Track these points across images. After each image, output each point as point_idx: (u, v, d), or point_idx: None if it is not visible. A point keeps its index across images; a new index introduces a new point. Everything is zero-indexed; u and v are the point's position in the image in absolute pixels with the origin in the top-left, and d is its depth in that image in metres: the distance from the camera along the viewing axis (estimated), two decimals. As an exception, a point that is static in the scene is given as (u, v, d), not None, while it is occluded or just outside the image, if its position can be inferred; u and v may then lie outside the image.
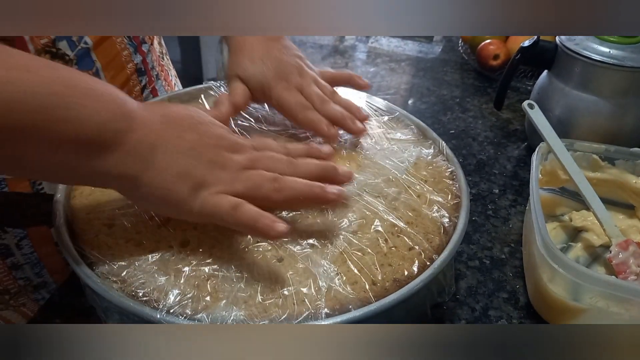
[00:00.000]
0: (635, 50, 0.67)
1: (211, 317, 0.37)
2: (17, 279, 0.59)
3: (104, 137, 0.36)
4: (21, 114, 0.33)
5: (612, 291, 0.46)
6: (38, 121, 0.33)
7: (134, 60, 0.64)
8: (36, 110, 0.33)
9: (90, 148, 0.36)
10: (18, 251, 0.58)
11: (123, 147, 0.37)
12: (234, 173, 0.40)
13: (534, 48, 0.74)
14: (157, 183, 0.38)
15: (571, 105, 0.72)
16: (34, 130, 0.33)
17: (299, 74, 0.56)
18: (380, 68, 1.06)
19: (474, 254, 0.61)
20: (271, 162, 0.43)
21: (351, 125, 0.54)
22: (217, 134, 0.42)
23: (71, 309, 0.51)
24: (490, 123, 0.88)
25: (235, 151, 0.42)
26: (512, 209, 0.69)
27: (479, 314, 0.54)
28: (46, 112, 0.34)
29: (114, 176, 0.38)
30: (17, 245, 0.57)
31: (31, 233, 0.57)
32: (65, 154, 0.36)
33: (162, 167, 0.38)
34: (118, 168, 0.37)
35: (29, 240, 0.58)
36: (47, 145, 0.35)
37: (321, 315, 0.38)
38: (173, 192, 0.38)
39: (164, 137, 0.39)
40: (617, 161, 0.64)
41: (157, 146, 0.38)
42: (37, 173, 0.39)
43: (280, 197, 0.41)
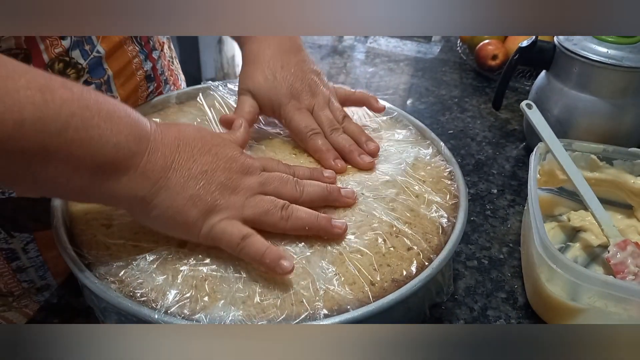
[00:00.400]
0: (633, 50, 0.67)
1: (209, 317, 0.37)
2: (21, 281, 0.59)
3: (120, 159, 0.37)
4: (41, 135, 0.33)
5: (610, 291, 0.46)
6: (57, 143, 0.34)
7: (144, 68, 0.64)
8: (56, 131, 0.33)
9: (105, 169, 0.36)
10: (24, 255, 0.58)
11: (137, 169, 0.37)
12: (244, 198, 0.41)
13: (532, 48, 0.74)
14: (168, 205, 0.39)
15: (569, 106, 0.72)
16: (52, 151, 0.34)
17: (312, 93, 0.54)
18: (379, 68, 1.06)
19: (472, 254, 0.61)
20: (280, 184, 0.44)
21: (358, 160, 0.52)
22: (229, 156, 0.42)
23: (69, 310, 0.51)
24: (488, 123, 0.88)
25: (246, 173, 0.42)
26: (511, 209, 0.69)
27: (478, 314, 0.54)
28: (66, 134, 0.34)
29: (126, 197, 0.38)
30: (24, 249, 0.58)
31: (38, 237, 0.58)
32: (81, 175, 0.36)
33: (174, 190, 0.39)
34: (131, 189, 0.38)
35: (35, 244, 0.58)
36: (64, 166, 0.35)
37: (320, 316, 0.38)
38: (183, 215, 0.39)
39: (177, 160, 0.39)
40: (615, 161, 0.64)
41: (170, 169, 0.39)
42: (51, 192, 0.39)
43: (287, 226, 0.42)
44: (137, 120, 0.38)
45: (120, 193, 0.38)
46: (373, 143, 0.54)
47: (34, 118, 0.32)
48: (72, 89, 0.35)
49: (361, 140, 0.54)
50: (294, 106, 0.53)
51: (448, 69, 1.07)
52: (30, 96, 0.32)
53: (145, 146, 0.38)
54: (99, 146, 0.35)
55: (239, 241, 0.39)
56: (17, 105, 0.32)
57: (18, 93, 0.32)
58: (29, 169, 0.34)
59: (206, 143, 0.41)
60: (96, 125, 0.35)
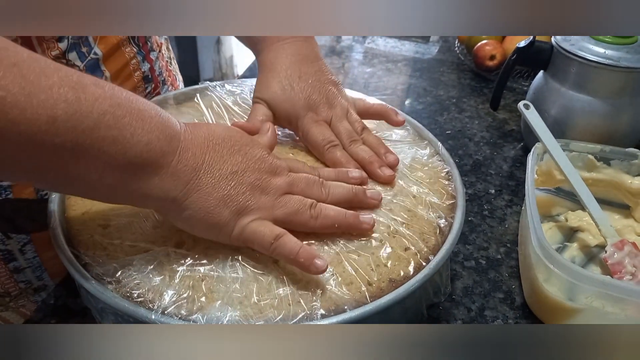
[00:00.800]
0: (630, 50, 0.67)
1: (206, 317, 0.37)
2: (18, 282, 0.59)
3: (151, 158, 0.37)
4: (73, 132, 0.33)
5: (607, 291, 0.46)
6: (89, 140, 0.34)
7: (141, 69, 0.64)
8: (88, 129, 0.33)
9: (136, 169, 0.36)
10: (21, 256, 0.58)
11: (167, 169, 0.37)
12: (274, 198, 0.41)
13: (530, 48, 0.74)
14: (199, 207, 0.39)
15: (567, 106, 0.72)
16: (84, 148, 0.34)
17: (329, 105, 0.53)
18: (377, 68, 1.06)
19: (470, 254, 0.61)
20: (307, 186, 0.44)
21: (378, 172, 0.50)
22: (257, 157, 0.42)
23: (66, 310, 0.51)
24: (486, 123, 0.88)
25: (275, 174, 0.42)
26: (508, 209, 0.69)
27: (475, 314, 0.54)
28: (98, 132, 0.34)
29: (157, 197, 0.38)
30: (21, 250, 0.57)
31: (35, 238, 0.58)
32: (112, 173, 0.36)
33: (205, 190, 0.39)
34: (162, 190, 0.38)
35: (32, 246, 0.58)
36: (95, 164, 0.35)
37: (317, 316, 0.38)
38: (214, 216, 0.39)
39: (207, 160, 0.39)
40: (612, 161, 0.64)
41: (201, 169, 0.39)
42: (81, 191, 0.39)
43: (317, 224, 0.42)
44: (167, 120, 0.38)
45: (152, 193, 0.38)
46: (392, 155, 0.53)
47: (66, 115, 0.32)
48: (104, 87, 0.35)
49: (380, 152, 0.53)
50: (311, 118, 0.52)
51: (446, 69, 1.07)
52: (63, 93, 0.32)
53: (176, 145, 0.38)
54: (130, 145, 0.35)
55: (272, 241, 0.40)
56: (50, 101, 0.32)
57: (51, 90, 0.32)
58: (61, 166, 0.34)
59: (235, 143, 0.41)
60: (128, 124, 0.35)
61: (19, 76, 0.31)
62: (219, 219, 0.39)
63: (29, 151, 0.32)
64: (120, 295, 0.39)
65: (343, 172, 0.49)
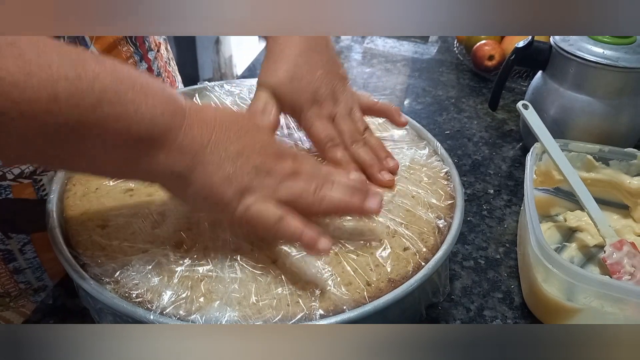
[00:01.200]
0: (628, 50, 0.68)
1: (205, 318, 0.37)
2: (18, 282, 0.59)
3: (156, 133, 0.36)
4: (75, 110, 0.32)
5: (606, 291, 0.46)
6: (92, 118, 0.33)
7: (139, 69, 0.63)
8: (90, 106, 0.33)
9: (142, 145, 0.36)
10: (21, 256, 0.58)
11: (174, 144, 0.37)
12: (277, 181, 0.41)
13: (529, 49, 0.74)
14: (203, 183, 0.38)
15: (565, 106, 0.72)
16: (88, 126, 0.33)
17: (334, 100, 0.52)
18: (376, 69, 1.06)
19: (468, 254, 0.61)
20: (312, 171, 0.43)
21: (378, 176, 0.50)
22: (264, 141, 0.42)
23: (65, 311, 0.50)
24: (485, 123, 0.88)
25: (280, 159, 0.42)
26: (507, 209, 0.69)
27: (474, 314, 0.54)
28: (101, 109, 0.33)
29: (163, 173, 0.38)
30: (21, 250, 0.57)
31: (35, 238, 0.58)
32: (118, 151, 0.35)
33: (210, 168, 0.38)
34: (167, 165, 0.37)
35: (32, 246, 0.58)
36: (101, 142, 0.34)
37: (316, 316, 0.38)
38: (218, 194, 0.39)
39: (214, 139, 0.39)
40: (611, 161, 0.64)
41: (207, 146, 0.38)
42: (88, 169, 0.39)
43: (321, 208, 0.41)
44: (171, 95, 0.38)
45: (157, 169, 0.37)
46: (393, 160, 0.52)
47: (67, 93, 0.32)
48: (104, 63, 0.34)
49: (381, 155, 0.52)
50: (314, 113, 0.51)
51: (445, 69, 1.07)
52: (63, 71, 0.32)
53: (180, 121, 0.37)
54: (134, 121, 0.35)
55: (276, 221, 0.39)
56: (50, 80, 0.31)
57: (51, 68, 0.31)
58: (66, 145, 0.34)
59: (243, 127, 0.41)
60: (130, 100, 0.35)
61: (17, 55, 0.30)
62: (222, 196, 0.39)
63: (33, 131, 0.32)
64: (119, 296, 0.39)
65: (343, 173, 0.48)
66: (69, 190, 0.48)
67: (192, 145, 0.38)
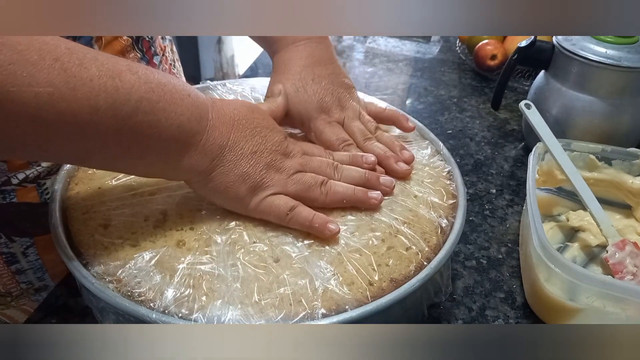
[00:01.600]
0: (631, 50, 0.67)
1: (207, 316, 0.37)
2: (19, 282, 0.59)
3: (183, 139, 0.40)
4: (113, 119, 0.35)
5: (608, 291, 0.46)
6: (128, 126, 0.36)
7: None
8: (127, 115, 0.36)
9: (169, 149, 0.40)
10: (24, 258, 0.58)
11: (197, 147, 0.41)
12: (286, 176, 0.45)
13: (531, 48, 0.74)
14: (221, 180, 0.42)
15: (568, 105, 0.72)
16: (124, 134, 0.37)
17: (341, 107, 0.54)
18: (378, 68, 1.06)
19: (471, 254, 0.61)
20: (319, 167, 0.47)
21: (395, 167, 0.51)
22: (275, 140, 0.45)
23: (67, 310, 0.51)
24: (487, 123, 0.88)
25: (289, 156, 0.46)
26: (509, 209, 0.69)
27: (476, 313, 0.54)
28: (136, 117, 0.37)
29: (186, 171, 0.42)
30: (23, 253, 0.58)
31: (37, 241, 0.58)
32: (149, 154, 0.39)
33: (228, 167, 0.42)
34: (191, 165, 0.41)
35: (34, 248, 0.58)
36: (135, 147, 0.38)
37: (318, 316, 0.38)
38: (233, 190, 0.43)
39: (232, 138, 0.43)
40: (613, 161, 0.64)
41: (225, 147, 0.42)
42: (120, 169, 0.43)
43: (327, 200, 0.46)
44: (196, 100, 0.41)
45: (183, 168, 0.41)
46: (408, 152, 0.53)
47: (107, 104, 0.35)
48: (137, 73, 0.37)
49: (395, 149, 0.53)
50: (323, 120, 0.53)
51: (447, 69, 1.07)
52: (103, 83, 0.35)
53: (205, 125, 0.41)
54: (164, 127, 0.38)
55: (288, 211, 0.43)
56: (92, 92, 0.34)
57: (92, 81, 0.34)
58: (104, 150, 0.37)
59: (257, 125, 0.45)
60: (162, 109, 0.38)
61: (62, 70, 0.33)
62: (236, 193, 0.43)
63: (75, 139, 0.35)
64: (121, 294, 0.39)
65: (357, 156, 0.50)
66: (71, 189, 0.48)
67: (213, 147, 0.42)
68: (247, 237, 0.43)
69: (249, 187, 0.43)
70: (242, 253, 0.42)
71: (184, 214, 0.45)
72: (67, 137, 0.35)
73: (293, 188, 0.45)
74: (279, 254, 0.42)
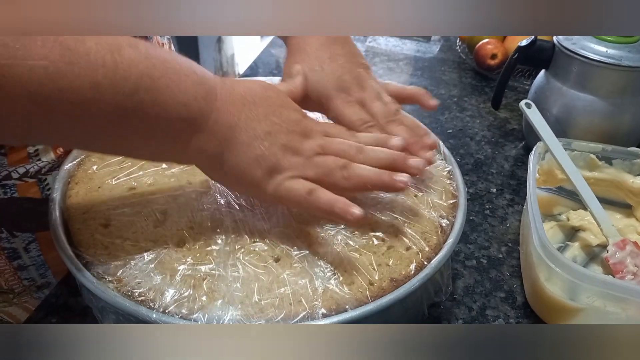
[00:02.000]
0: (632, 49, 0.67)
1: (207, 316, 0.37)
2: (22, 279, 0.59)
3: (189, 118, 0.37)
4: (115, 97, 0.34)
5: (609, 291, 0.46)
6: (130, 104, 0.34)
7: None
8: (129, 93, 0.34)
9: (175, 129, 0.37)
10: (26, 254, 0.58)
11: (206, 126, 0.38)
12: (305, 158, 0.41)
13: (532, 47, 0.73)
14: (234, 164, 0.40)
15: (568, 105, 0.72)
16: (127, 112, 0.35)
17: (361, 86, 0.51)
18: (378, 67, 1.06)
19: (471, 254, 0.61)
20: (341, 149, 0.43)
21: (419, 153, 0.48)
22: (292, 119, 0.42)
23: (67, 309, 0.51)
24: (487, 122, 0.88)
25: (308, 136, 0.42)
26: (510, 209, 0.69)
27: (476, 313, 0.54)
28: (138, 95, 0.35)
29: (198, 155, 0.39)
30: (25, 248, 0.58)
31: (39, 237, 0.58)
32: (154, 134, 0.37)
33: (240, 149, 0.39)
34: (201, 147, 0.39)
35: (37, 244, 0.58)
36: (139, 126, 0.36)
37: (318, 316, 0.38)
38: (248, 174, 0.40)
39: (243, 119, 0.40)
40: (614, 160, 0.64)
41: (236, 127, 0.39)
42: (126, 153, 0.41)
43: (349, 185, 0.41)
44: (202, 77, 0.39)
45: (191, 151, 0.39)
46: (431, 138, 0.51)
47: (106, 80, 0.33)
48: (137, 47, 0.36)
49: (419, 133, 0.51)
50: (343, 99, 0.50)
51: (447, 68, 1.07)
52: (101, 57, 0.33)
53: (212, 104, 0.39)
54: (168, 106, 0.36)
55: (307, 196, 0.40)
56: (90, 67, 0.33)
57: (89, 55, 0.33)
58: (108, 130, 0.35)
59: (272, 104, 0.42)
60: (164, 85, 0.36)
61: (57, 43, 0.32)
62: (252, 178, 0.40)
63: (78, 118, 0.34)
64: (121, 294, 0.39)
65: (383, 137, 0.46)
66: (71, 189, 0.48)
67: (222, 128, 0.39)
68: (247, 237, 0.43)
69: (265, 170, 0.40)
70: (242, 253, 0.42)
71: (184, 214, 0.45)
72: (69, 117, 0.33)
73: (312, 172, 0.41)
74: (279, 253, 0.42)
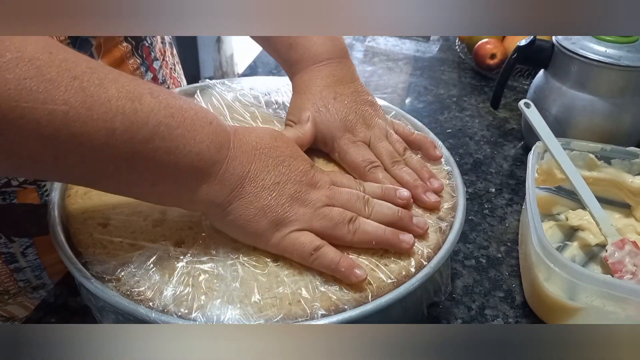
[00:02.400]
0: (631, 49, 0.67)
1: (206, 316, 0.37)
2: (17, 280, 0.59)
3: (201, 167, 0.38)
4: (129, 143, 0.34)
5: (608, 290, 0.46)
6: (144, 150, 0.35)
7: (144, 78, 0.63)
8: (143, 140, 0.35)
9: (186, 177, 0.38)
10: (22, 258, 0.58)
11: (215, 177, 0.39)
12: (312, 210, 0.42)
13: (531, 47, 0.74)
14: (240, 214, 0.40)
15: (567, 105, 0.72)
16: (139, 158, 0.35)
17: (367, 125, 0.51)
18: (378, 67, 1.06)
19: (470, 253, 0.61)
20: (348, 200, 0.43)
21: (423, 197, 0.48)
22: (300, 170, 0.42)
23: (66, 309, 0.51)
24: (487, 122, 0.88)
25: (315, 187, 0.43)
26: (509, 208, 0.69)
27: (475, 313, 0.54)
28: (153, 143, 0.35)
29: (203, 203, 0.40)
30: (23, 253, 0.58)
31: (37, 242, 0.58)
32: (163, 181, 0.37)
33: (247, 199, 0.40)
34: (208, 196, 0.39)
35: (34, 249, 0.58)
36: (149, 172, 0.36)
37: (317, 315, 0.38)
38: (253, 224, 0.40)
39: (253, 169, 0.40)
40: (613, 160, 0.64)
41: (246, 178, 0.40)
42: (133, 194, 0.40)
43: (354, 239, 0.42)
44: (218, 127, 0.39)
45: (199, 199, 0.39)
46: (437, 181, 0.50)
47: (123, 127, 0.34)
48: (158, 97, 0.36)
49: (424, 176, 0.50)
50: (348, 139, 0.50)
51: (446, 67, 1.07)
52: (121, 106, 0.34)
53: (225, 154, 0.39)
54: (182, 155, 0.37)
55: (312, 252, 0.40)
56: (109, 114, 0.33)
57: (110, 102, 0.33)
58: (117, 174, 0.36)
59: (281, 154, 0.42)
60: (180, 135, 0.36)
61: (80, 89, 0.32)
62: (256, 227, 0.40)
63: (87, 161, 0.34)
64: (120, 294, 0.39)
65: (390, 189, 0.46)
66: (70, 188, 0.48)
67: (232, 177, 0.39)
68: (247, 237, 0.43)
69: (271, 221, 0.40)
70: (242, 252, 0.42)
71: (184, 213, 0.45)
72: (79, 159, 0.34)
73: (319, 224, 0.41)
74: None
